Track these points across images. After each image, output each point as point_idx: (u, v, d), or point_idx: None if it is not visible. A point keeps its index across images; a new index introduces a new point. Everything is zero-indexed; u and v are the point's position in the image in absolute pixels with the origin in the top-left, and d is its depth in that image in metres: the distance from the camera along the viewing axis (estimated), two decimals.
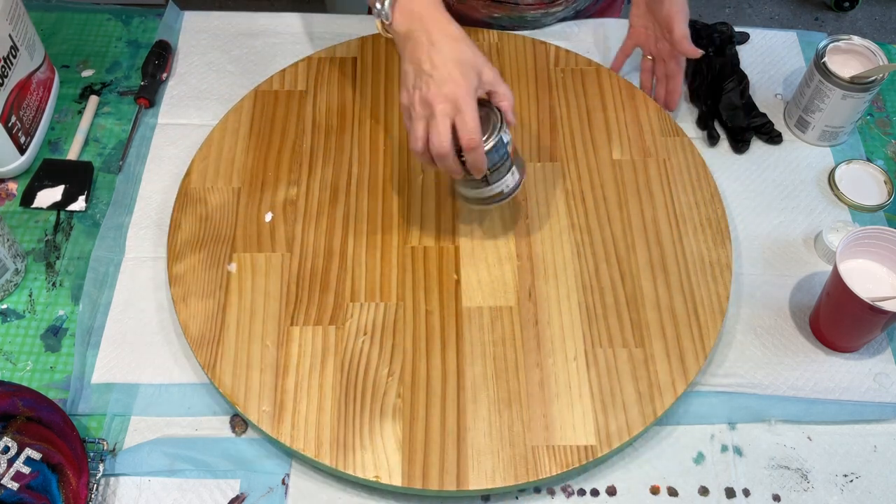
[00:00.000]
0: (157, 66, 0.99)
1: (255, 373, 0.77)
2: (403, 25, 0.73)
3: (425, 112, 0.71)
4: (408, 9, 0.73)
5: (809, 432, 0.78)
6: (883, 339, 0.83)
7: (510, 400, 0.76)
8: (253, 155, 0.92)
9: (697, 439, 0.77)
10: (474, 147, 0.71)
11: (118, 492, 0.73)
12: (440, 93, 0.70)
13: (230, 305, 0.81)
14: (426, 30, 0.72)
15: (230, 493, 0.73)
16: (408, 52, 0.73)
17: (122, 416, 0.77)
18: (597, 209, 0.88)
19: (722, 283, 0.83)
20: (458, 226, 0.87)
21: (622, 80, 0.99)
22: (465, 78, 0.71)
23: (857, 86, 0.91)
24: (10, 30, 0.87)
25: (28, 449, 0.71)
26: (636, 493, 0.74)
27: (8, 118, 0.88)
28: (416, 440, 0.74)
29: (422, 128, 0.72)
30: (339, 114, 0.96)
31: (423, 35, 0.72)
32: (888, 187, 0.94)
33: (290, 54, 1.03)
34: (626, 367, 0.78)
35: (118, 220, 0.89)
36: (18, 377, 0.79)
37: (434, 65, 0.71)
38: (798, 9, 2.40)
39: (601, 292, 0.83)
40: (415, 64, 0.72)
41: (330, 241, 0.86)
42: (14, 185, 0.92)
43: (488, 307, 0.81)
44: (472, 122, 0.71)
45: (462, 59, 0.71)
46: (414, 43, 0.72)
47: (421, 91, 0.71)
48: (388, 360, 0.78)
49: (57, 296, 0.84)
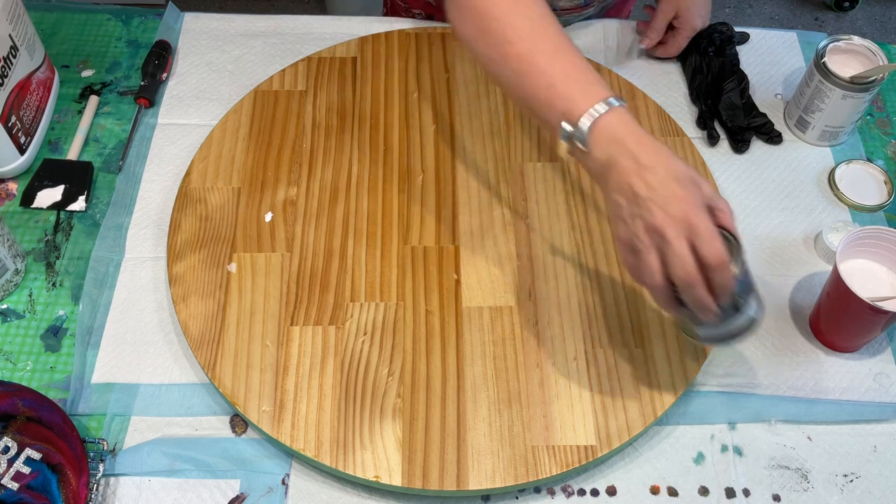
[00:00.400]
0: (157, 66, 0.99)
1: (255, 373, 0.77)
2: (603, 152, 0.64)
3: (655, 240, 0.62)
4: (608, 133, 0.64)
5: (809, 432, 0.78)
6: (883, 339, 0.83)
7: (510, 400, 0.76)
8: (253, 155, 0.92)
9: (697, 439, 0.77)
10: (722, 264, 0.62)
11: (118, 492, 0.73)
12: (668, 215, 0.61)
13: (230, 305, 0.81)
14: (630, 153, 0.63)
15: (230, 493, 0.73)
16: (613, 181, 0.64)
17: (122, 416, 0.77)
18: (597, 209, 0.88)
19: None
20: (458, 226, 0.87)
21: (622, 80, 0.99)
22: (690, 193, 0.62)
23: (857, 86, 0.91)
24: (10, 30, 0.87)
25: (28, 449, 0.71)
26: (636, 493, 0.74)
27: (8, 118, 0.88)
28: (416, 440, 0.74)
29: (655, 259, 0.63)
30: (339, 114, 0.96)
31: (628, 160, 0.63)
32: (888, 187, 0.94)
33: (290, 54, 1.03)
34: (626, 367, 0.78)
35: (118, 220, 0.89)
36: (18, 377, 0.79)
37: (651, 187, 0.62)
38: (798, 9, 2.40)
39: (601, 292, 0.83)
40: (626, 192, 0.63)
41: (330, 241, 0.86)
42: (14, 185, 0.92)
43: (488, 307, 0.81)
44: (713, 237, 0.61)
45: (679, 175, 0.63)
46: (620, 169, 0.63)
47: (644, 219, 0.62)
48: (388, 360, 0.78)
49: (57, 296, 0.84)
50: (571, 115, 0.65)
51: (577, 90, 0.65)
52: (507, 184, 0.90)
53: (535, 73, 0.66)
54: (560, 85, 0.66)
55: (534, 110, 0.69)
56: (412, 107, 0.97)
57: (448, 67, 1.00)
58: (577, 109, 0.65)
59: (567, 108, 0.65)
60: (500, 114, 0.96)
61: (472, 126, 0.95)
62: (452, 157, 0.92)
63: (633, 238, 0.64)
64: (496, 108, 0.96)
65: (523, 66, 0.67)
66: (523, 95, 0.68)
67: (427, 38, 1.03)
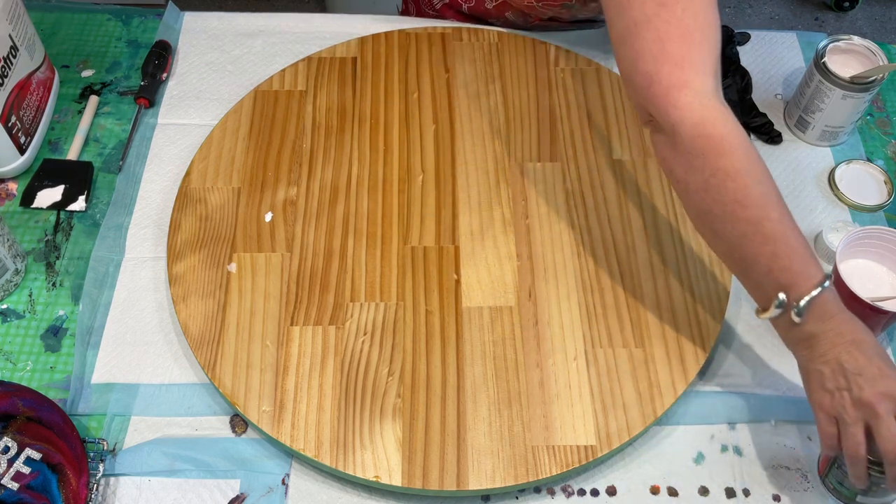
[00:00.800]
0: (157, 66, 0.99)
1: (255, 373, 0.77)
2: (816, 326, 0.67)
3: (863, 414, 0.65)
4: (822, 310, 0.67)
5: (809, 432, 0.78)
6: (883, 339, 0.83)
7: (510, 400, 0.76)
8: (253, 155, 0.92)
9: (697, 439, 0.77)
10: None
11: (118, 492, 0.73)
12: (877, 392, 0.64)
13: (230, 305, 0.81)
14: (840, 330, 0.66)
15: (230, 493, 0.73)
16: (818, 352, 0.67)
17: (122, 416, 0.77)
18: (597, 209, 0.88)
19: (722, 283, 0.83)
20: (458, 226, 0.87)
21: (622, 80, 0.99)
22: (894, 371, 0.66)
23: (857, 86, 0.91)
24: (10, 30, 0.87)
25: (28, 449, 0.71)
26: (636, 493, 0.74)
27: (8, 118, 0.88)
28: (416, 440, 0.74)
29: (861, 431, 0.66)
30: (339, 114, 0.96)
31: (837, 335, 0.66)
32: (888, 187, 0.94)
33: (290, 54, 1.03)
34: (626, 367, 0.78)
35: (118, 220, 0.89)
36: (18, 377, 0.79)
37: (860, 364, 0.65)
38: (798, 9, 2.40)
39: (601, 292, 0.83)
40: (832, 364, 0.66)
41: (330, 241, 0.86)
42: (14, 185, 0.92)
43: (488, 307, 0.81)
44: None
45: (882, 355, 0.66)
46: (828, 343, 0.67)
47: (852, 393, 0.65)
48: (388, 360, 0.78)
49: (57, 296, 0.84)
50: (791, 289, 0.67)
51: (799, 265, 0.67)
52: (507, 184, 0.90)
53: (761, 240, 0.67)
54: (783, 256, 0.67)
55: (747, 273, 0.70)
56: (412, 107, 0.97)
57: (448, 67, 1.00)
58: (798, 284, 0.67)
59: (787, 281, 0.67)
60: (500, 114, 0.96)
61: (472, 126, 0.95)
62: (452, 157, 0.92)
63: (839, 410, 0.67)
64: (496, 108, 0.96)
65: (750, 231, 0.67)
66: (741, 257, 0.69)
67: (427, 38, 1.03)
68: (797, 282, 0.66)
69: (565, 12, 1.02)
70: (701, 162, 0.67)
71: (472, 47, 1.02)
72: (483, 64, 1.00)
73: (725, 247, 0.70)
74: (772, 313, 0.68)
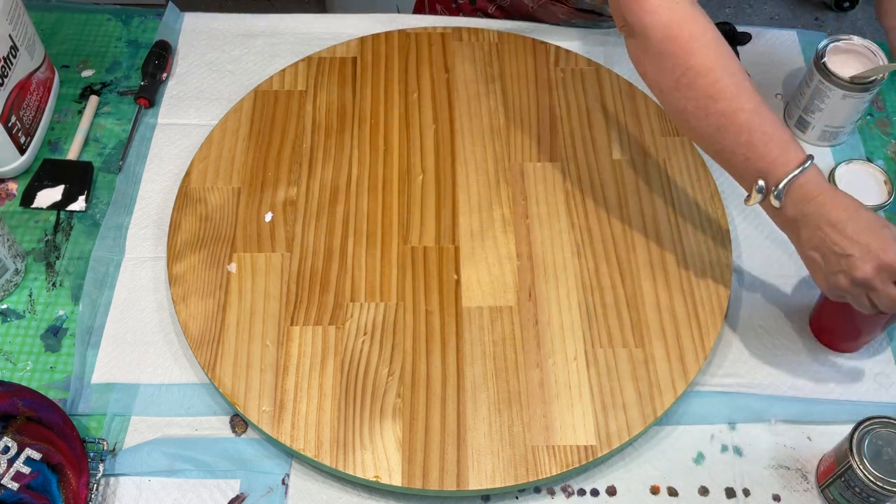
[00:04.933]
0: (157, 66, 0.99)
1: (255, 373, 0.77)
2: (796, 209, 0.69)
3: (861, 289, 0.68)
4: (801, 192, 0.68)
5: (809, 432, 0.78)
6: (883, 339, 0.83)
7: (510, 400, 0.76)
8: (253, 155, 0.92)
9: (697, 439, 0.77)
10: None
11: (118, 492, 0.73)
12: (868, 269, 0.66)
13: (230, 305, 0.81)
14: (821, 212, 0.68)
15: (230, 493, 0.73)
16: (805, 238, 0.69)
17: (122, 416, 0.77)
18: (597, 209, 0.88)
19: (722, 283, 0.83)
20: (458, 226, 0.87)
21: (622, 80, 0.99)
22: (886, 240, 0.67)
23: (857, 86, 0.91)
24: (10, 30, 0.87)
25: (28, 449, 0.71)
26: (636, 493, 0.74)
27: (8, 118, 0.88)
28: (416, 440, 0.74)
29: (866, 300, 0.69)
30: (339, 114, 0.96)
31: (819, 218, 0.68)
32: (888, 187, 0.94)
33: (290, 54, 1.03)
34: (626, 367, 0.78)
35: (118, 220, 0.89)
36: (18, 377, 0.79)
37: (844, 245, 0.67)
38: (798, 9, 2.40)
39: (601, 292, 0.83)
40: (821, 249, 0.68)
41: (330, 241, 0.86)
42: (14, 185, 0.92)
43: (488, 307, 0.81)
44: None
45: (872, 227, 0.67)
46: (812, 227, 0.68)
47: (846, 274, 0.68)
48: (388, 360, 0.78)
49: (57, 296, 0.84)
50: (768, 175, 0.69)
51: (776, 150, 0.69)
52: (507, 184, 0.90)
53: (736, 130, 0.69)
54: (759, 144, 0.69)
55: (729, 163, 0.72)
56: (412, 107, 0.97)
57: (448, 67, 1.00)
58: (775, 170, 0.69)
59: (764, 167, 0.69)
60: (500, 114, 0.96)
61: (472, 126, 0.95)
62: (452, 157, 0.92)
63: (837, 288, 0.70)
64: (496, 108, 0.96)
65: (724, 123, 0.69)
66: (719, 149, 0.71)
67: (427, 38, 1.03)
68: (774, 167, 0.68)
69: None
70: (671, 62, 0.70)
71: (472, 47, 1.02)
72: (483, 64, 1.00)
73: (704, 141, 0.72)
74: (755, 199, 0.71)
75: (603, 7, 1.06)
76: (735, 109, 0.69)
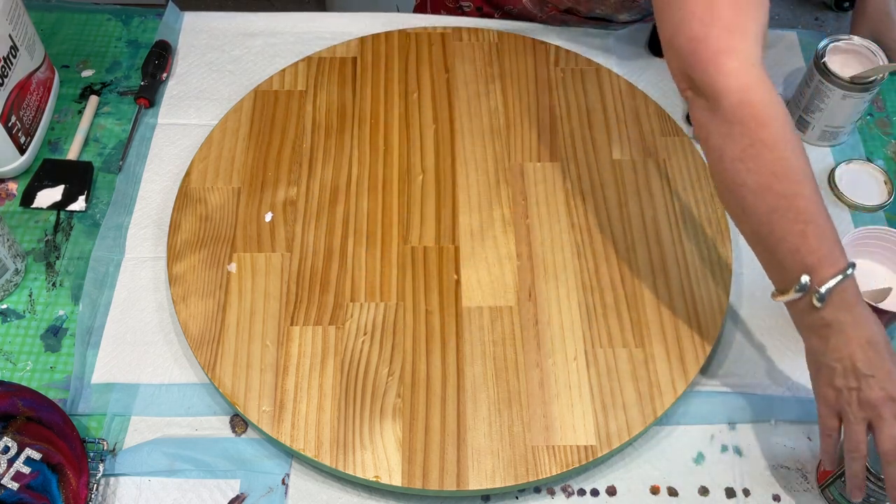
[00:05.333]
0: (157, 66, 0.99)
1: (255, 373, 0.77)
2: (834, 314, 0.65)
3: (867, 414, 0.65)
4: (843, 298, 0.64)
5: (809, 432, 0.78)
6: None
7: (510, 400, 0.76)
8: (253, 155, 0.92)
9: (697, 439, 0.77)
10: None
11: (118, 492, 0.73)
12: (885, 394, 0.64)
13: (230, 305, 0.81)
14: (857, 323, 0.65)
15: (230, 493, 0.73)
16: (832, 345, 0.66)
17: (122, 416, 0.77)
18: (597, 209, 0.88)
19: (722, 283, 0.83)
20: (458, 226, 0.87)
21: (622, 80, 0.99)
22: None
23: (857, 86, 0.91)
24: (10, 30, 0.87)
25: (28, 449, 0.71)
26: (636, 493, 0.74)
27: (8, 118, 0.88)
28: (416, 440, 0.74)
29: (864, 430, 0.65)
30: (339, 114, 0.96)
31: (853, 329, 0.65)
32: (888, 187, 0.94)
33: (290, 54, 1.03)
34: (626, 367, 0.78)
35: (118, 220, 0.89)
36: (18, 377, 0.79)
37: (874, 365, 0.64)
38: (798, 9, 2.40)
39: (601, 292, 0.83)
40: (845, 362, 0.65)
41: (330, 241, 0.86)
42: (14, 185, 0.92)
43: (488, 307, 0.81)
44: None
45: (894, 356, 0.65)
46: (844, 337, 0.65)
47: (860, 392, 0.64)
48: (388, 360, 0.78)
49: (57, 296, 0.84)
50: (816, 272, 0.64)
51: (827, 249, 0.65)
52: (507, 184, 0.90)
53: (793, 216, 0.64)
54: (812, 237, 0.64)
55: (774, 251, 0.67)
56: (412, 107, 0.97)
57: (448, 67, 1.00)
58: (822, 268, 0.64)
59: (813, 263, 0.64)
60: (500, 114, 0.96)
61: (472, 126, 0.95)
62: (452, 157, 0.92)
63: (844, 407, 0.66)
64: (496, 108, 0.96)
65: (783, 205, 0.64)
66: (770, 233, 0.66)
67: (427, 38, 1.03)
68: (822, 265, 0.64)
69: (584, 4, 1.02)
70: (741, 129, 0.65)
71: (472, 47, 1.02)
72: (483, 64, 1.00)
73: (754, 223, 0.67)
74: (791, 296, 0.66)
75: (614, 14, 1.05)
76: (797, 193, 0.64)
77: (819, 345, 0.67)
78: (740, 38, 0.66)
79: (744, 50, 0.66)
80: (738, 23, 0.67)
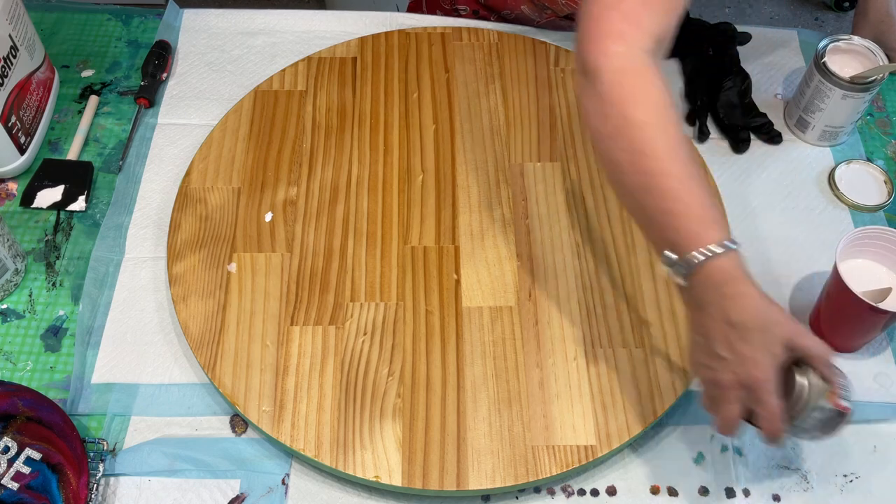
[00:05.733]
0: (157, 66, 0.99)
1: (255, 373, 0.77)
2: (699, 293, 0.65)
3: (716, 392, 0.66)
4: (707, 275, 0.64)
5: None
6: (883, 339, 0.83)
7: (510, 400, 0.76)
8: (253, 155, 0.92)
9: (697, 439, 0.77)
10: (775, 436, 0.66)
11: (118, 492, 0.73)
12: (735, 379, 0.64)
13: (230, 305, 0.81)
14: (721, 303, 0.64)
15: (230, 493, 0.73)
16: (696, 322, 0.67)
17: (122, 416, 0.77)
18: (597, 209, 0.88)
19: None
20: (458, 226, 0.87)
21: None
22: (765, 357, 0.64)
23: (857, 86, 0.91)
24: (10, 30, 0.87)
25: (28, 449, 0.71)
26: (636, 493, 0.74)
27: (8, 118, 0.88)
28: (416, 440, 0.74)
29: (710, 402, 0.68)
30: (339, 114, 0.96)
31: (716, 309, 0.64)
32: (888, 187, 0.94)
33: (290, 54, 1.03)
34: (626, 367, 0.78)
35: (118, 220, 0.89)
36: (18, 377, 0.79)
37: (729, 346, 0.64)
38: (798, 9, 2.39)
39: (601, 292, 0.83)
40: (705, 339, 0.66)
41: (330, 241, 0.86)
42: (14, 185, 0.92)
43: (488, 307, 0.81)
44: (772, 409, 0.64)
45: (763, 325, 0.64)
46: (706, 316, 0.65)
47: (713, 371, 0.66)
48: (388, 360, 0.78)
49: (57, 296, 0.84)
50: (679, 249, 0.65)
51: (693, 227, 0.65)
52: (507, 184, 0.90)
53: (658, 194, 0.65)
54: (679, 215, 0.65)
55: (644, 226, 0.69)
56: (412, 107, 0.97)
57: (448, 67, 1.00)
58: (688, 247, 0.65)
59: (677, 241, 0.65)
60: (500, 114, 0.96)
61: (472, 126, 0.95)
62: (452, 157, 0.92)
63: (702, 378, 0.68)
64: (496, 108, 0.96)
65: (649, 182, 0.65)
66: (639, 208, 0.68)
67: (427, 38, 1.03)
68: (686, 243, 0.65)
69: None
70: (613, 110, 0.67)
71: (472, 47, 1.02)
72: (483, 64, 1.00)
73: (628, 200, 0.69)
74: (664, 270, 0.68)
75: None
76: (662, 172, 0.65)
77: (691, 318, 0.68)
78: (634, 27, 0.67)
79: (633, 37, 0.67)
80: (637, 13, 0.68)
